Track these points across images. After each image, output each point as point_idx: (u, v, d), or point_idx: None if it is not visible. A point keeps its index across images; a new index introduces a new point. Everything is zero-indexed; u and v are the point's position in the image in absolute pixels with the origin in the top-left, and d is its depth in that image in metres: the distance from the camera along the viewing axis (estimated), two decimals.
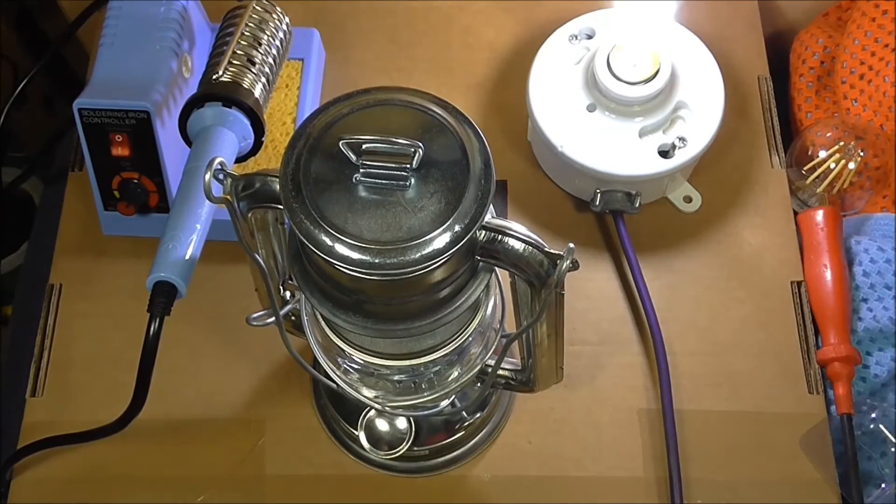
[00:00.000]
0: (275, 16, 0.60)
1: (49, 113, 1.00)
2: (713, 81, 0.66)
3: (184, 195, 0.50)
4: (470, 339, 0.45)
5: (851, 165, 0.70)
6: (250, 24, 0.58)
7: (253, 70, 0.57)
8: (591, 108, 0.66)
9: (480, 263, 0.39)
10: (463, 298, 0.39)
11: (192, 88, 0.60)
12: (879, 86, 0.72)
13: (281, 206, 0.37)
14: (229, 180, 0.38)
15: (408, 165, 0.35)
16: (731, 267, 0.68)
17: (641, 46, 0.65)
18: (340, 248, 0.34)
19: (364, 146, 0.36)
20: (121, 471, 0.61)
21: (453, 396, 0.54)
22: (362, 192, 0.35)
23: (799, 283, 0.67)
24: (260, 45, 0.58)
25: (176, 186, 0.52)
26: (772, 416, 0.63)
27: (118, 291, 0.66)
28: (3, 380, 0.67)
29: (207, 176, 0.37)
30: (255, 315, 0.50)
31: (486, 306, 0.45)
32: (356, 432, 0.57)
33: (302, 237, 0.35)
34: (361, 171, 0.36)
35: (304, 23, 0.71)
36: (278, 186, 0.37)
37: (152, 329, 0.47)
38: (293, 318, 0.53)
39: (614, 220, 0.67)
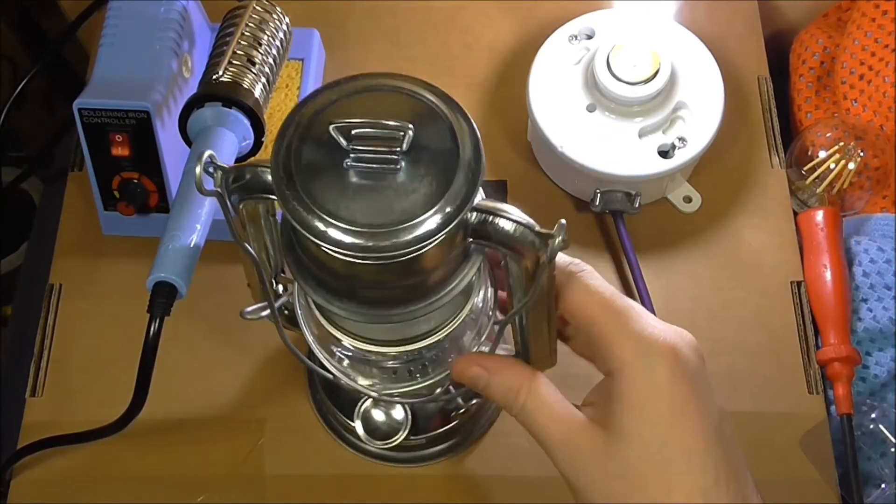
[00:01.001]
0: (275, 16, 0.60)
1: (49, 113, 1.00)
2: (713, 81, 0.66)
3: (184, 195, 0.50)
4: (463, 324, 0.45)
5: (851, 166, 0.70)
6: (250, 25, 0.58)
7: (253, 70, 0.57)
8: (591, 108, 0.66)
9: (473, 245, 0.39)
10: (456, 281, 0.39)
11: (192, 88, 0.60)
12: (879, 86, 0.72)
13: (272, 197, 0.37)
14: (219, 172, 0.38)
15: (398, 149, 0.35)
16: (731, 267, 0.68)
17: (641, 46, 0.65)
18: (333, 233, 0.34)
19: (354, 131, 0.36)
20: (121, 471, 0.61)
21: (448, 383, 0.54)
22: (353, 177, 0.35)
23: (799, 284, 0.67)
24: (260, 45, 0.58)
25: (176, 186, 0.52)
26: (772, 416, 0.63)
27: (118, 291, 0.66)
28: (3, 380, 0.67)
29: (198, 169, 0.37)
30: (249, 309, 0.50)
31: (479, 291, 0.45)
32: (352, 423, 0.58)
33: (295, 224, 0.35)
34: (352, 156, 0.36)
35: (304, 23, 0.71)
36: (269, 176, 0.37)
37: (152, 329, 0.47)
38: (286, 311, 0.53)
39: (614, 220, 0.67)
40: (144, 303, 0.47)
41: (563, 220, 0.36)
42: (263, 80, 0.57)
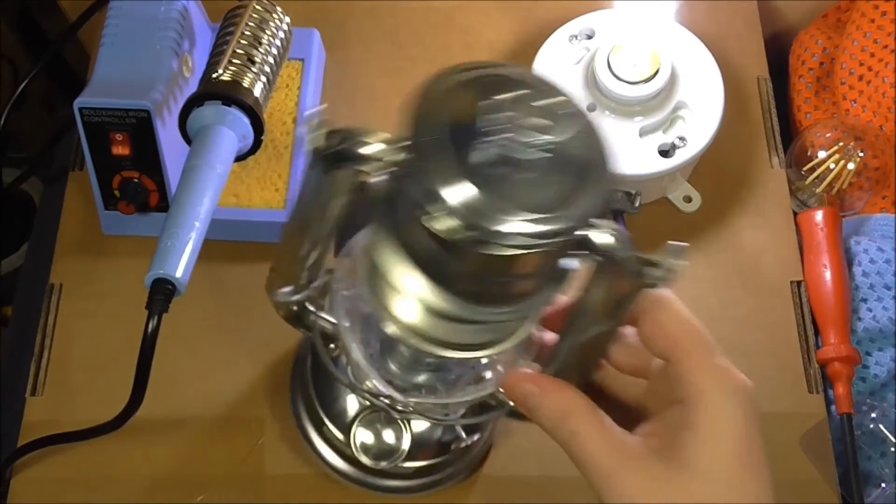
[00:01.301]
0: (275, 16, 0.60)
1: (49, 113, 1.00)
2: (713, 81, 0.66)
3: (183, 193, 0.50)
4: (513, 349, 0.42)
5: (851, 166, 0.70)
6: (250, 24, 0.58)
7: (253, 69, 0.57)
8: (591, 108, 0.66)
9: (563, 264, 0.37)
10: (546, 292, 0.38)
11: (192, 88, 0.60)
12: (878, 87, 0.72)
13: (364, 168, 0.36)
14: (324, 131, 0.36)
15: (542, 139, 0.34)
16: (731, 267, 0.68)
17: (641, 46, 0.65)
18: (455, 213, 0.32)
19: (493, 115, 0.34)
20: (121, 470, 0.61)
21: (462, 410, 0.52)
22: (484, 163, 0.33)
23: (799, 283, 0.67)
24: (260, 44, 0.58)
25: (176, 185, 0.52)
26: (772, 415, 0.62)
27: (118, 291, 0.66)
28: (3, 379, 0.67)
29: (308, 126, 0.35)
30: (282, 290, 0.47)
31: (535, 322, 0.43)
32: (344, 436, 0.57)
33: (414, 200, 0.33)
34: (486, 140, 0.34)
35: (304, 23, 0.71)
36: (362, 148, 0.35)
37: (150, 326, 0.47)
38: (300, 306, 0.51)
39: (614, 219, 0.67)
40: (144, 302, 0.47)
41: (679, 243, 0.35)
42: (263, 79, 0.57)
